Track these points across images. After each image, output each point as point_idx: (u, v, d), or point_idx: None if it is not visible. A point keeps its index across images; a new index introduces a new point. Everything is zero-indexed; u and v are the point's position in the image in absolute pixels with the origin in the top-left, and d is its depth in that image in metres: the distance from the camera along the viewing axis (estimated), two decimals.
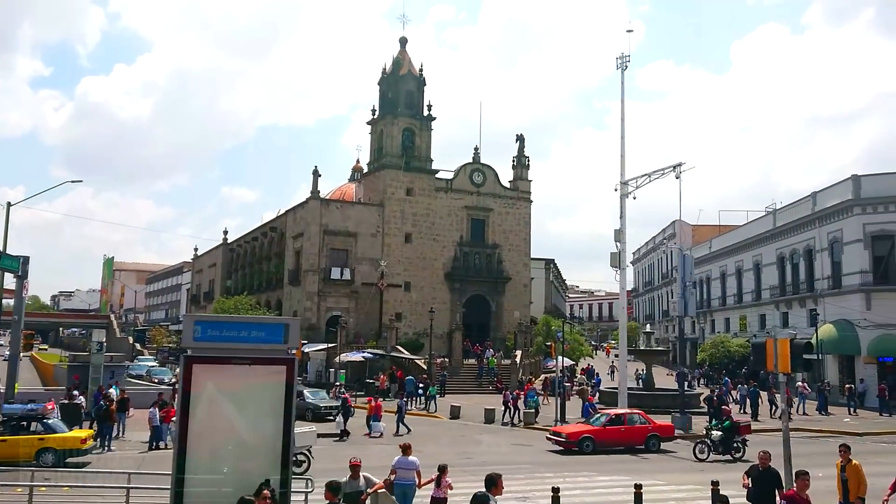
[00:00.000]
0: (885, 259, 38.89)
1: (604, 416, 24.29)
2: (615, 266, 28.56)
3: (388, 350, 43.57)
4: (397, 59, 57.87)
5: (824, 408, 34.78)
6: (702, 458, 21.49)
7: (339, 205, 54.02)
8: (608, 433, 23.08)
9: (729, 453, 21.70)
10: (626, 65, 29.28)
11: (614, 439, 23.04)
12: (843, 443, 11.90)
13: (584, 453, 22.28)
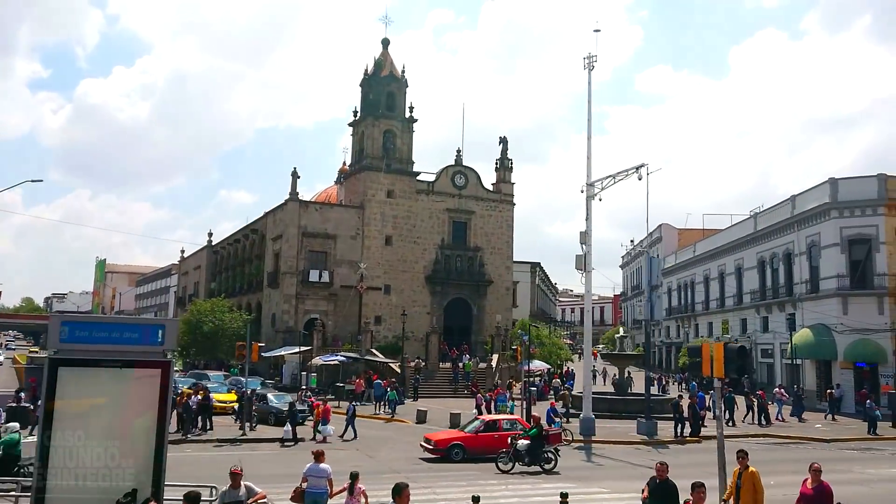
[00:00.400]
0: (861, 263, 38.53)
1: (478, 422, 23.31)
2: (580, 269, 28.15)
3: (363, 353, 43.11)
4: (379, 60, 57.54)
5: (799, 414, 34.32)
6: (505, 470, 19.86)
7: (318, 207, 53.62)
8: (480, 440, 22.04)
9: (537, 464, 19.98)
10: (593, 65, 28.91)
11: (486, 446, 21.78)
12: (740, 448, 11.41)
13: (453, 461, 21.16)
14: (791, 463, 22.16)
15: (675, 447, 26.04)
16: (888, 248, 37.93)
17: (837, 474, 20.08)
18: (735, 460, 11.37)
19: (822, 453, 24.82)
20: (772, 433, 29.42)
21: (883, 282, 37.68)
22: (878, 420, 29.39)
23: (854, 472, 20.49)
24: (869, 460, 22.97)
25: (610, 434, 27.83)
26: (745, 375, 47.01)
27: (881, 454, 23.96)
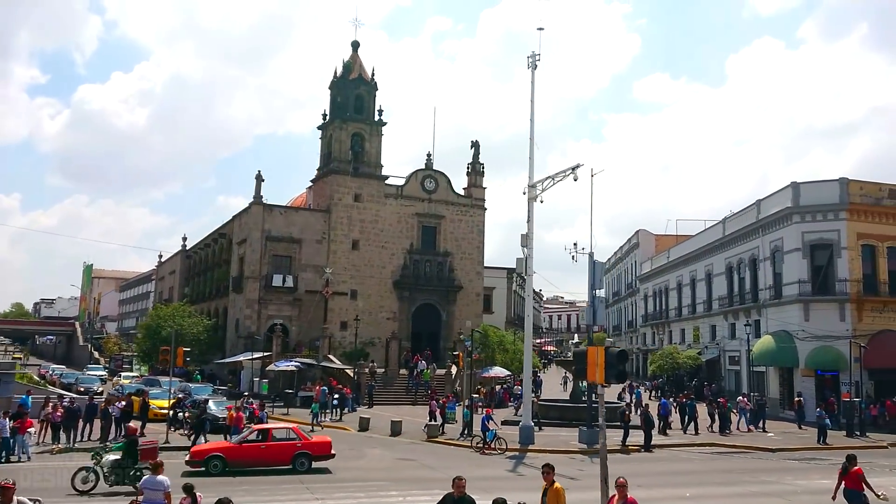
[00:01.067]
0: (823, 269, 37.81)
1: (247, 431, 21.96)
2: (521, 272, 27.41)
3: (320, 359, 42.30)
4: (348, 62, 56.93)
5: (756, 422, 33.43)
6: (83, 490, 16.89)
7: (282, 210, 52.85)
8: (244, 451, 20.27)
9: (126, 482, 16.95)
10: (536, 63, 28.28)
11: (252, 458, 20.24)
12: (546, 462, 10.56)
13: (212, 474, 19.22)
14: (722, 474, 21.47)
15: (614, 457, 25.13)
16: (850, 253, 37.24)
17: (762, 485, 19.43)
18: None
19: (760, 463, 24.10)
20: (719, 442, 28.65)
21: (844, 288, 36.98)
22: (827, 428, 28.59)
23: (783, 483, 19.72)
24: (805, 471, 22.18)
25: (550, 443, 27.07)
26: (707, 382, 46.37)
27: (821, 464, 23.14)
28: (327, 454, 20.78)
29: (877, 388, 36.52)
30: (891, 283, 37.61)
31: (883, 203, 38.24)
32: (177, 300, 70.65)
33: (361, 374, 40.64)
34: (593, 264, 27.95)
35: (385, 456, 24.15)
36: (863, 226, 37.70)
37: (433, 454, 24.46)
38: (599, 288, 28.00)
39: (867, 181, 38.83)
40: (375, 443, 27.36)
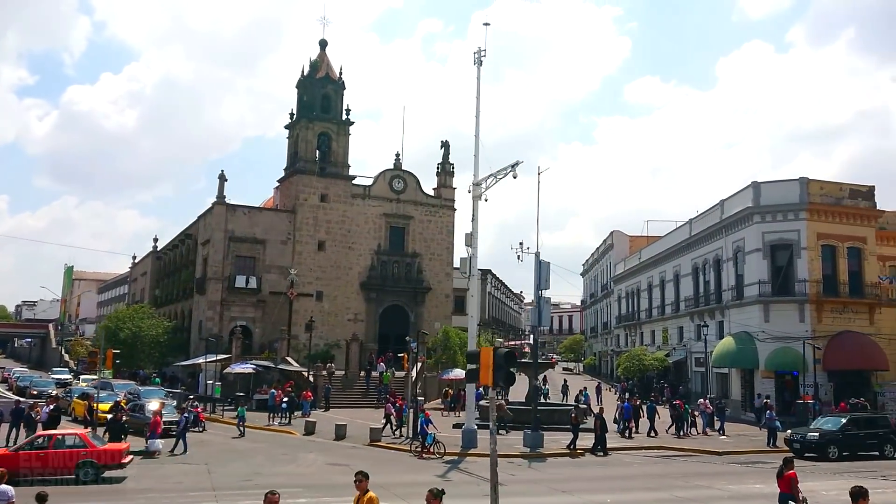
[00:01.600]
0: (783, 269, 37.43)
1: (34, 436, 20.16)
2: (464, 272, 26.88)
3: (278, 362, 41.60)
4: (315, 61, 56.30)
5: (710, 424, 32.87)
6: None
7: (246, 211, 52.12)
8: (20, 460, 18.21)
9: None
10: (482, 60, 27.74)
11: (29, 467, 18.11)
12: (359, 471, 9.85)
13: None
14: (656, 479, 20.96)
15: (556, 461, 24.60)
16: (810, 253, 36.90)
17: (691, 490, 18.93)
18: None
19: (702, 467, 23.61)
20: (669, 445, 28.11)
21: (804, 288, 36.62)
22: (778, 431, 28.13)
23: (714, 487, 19.20)
24: (743, 475, 21.69)
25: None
26: (665, 384, 45.96)
27: (764, 468, 22.57)
28: (118, 463, 18.86)
29: (837, 390, 36.11)
30: (851, 284, 37.31)
31: (843, 203, 37.94)
32: (148, 302, 69.94)
33: (318, 377, 39.92)
34: (539, 264, 27.45)
35: (317, 461, 23.50)
36: (823, 226, 37.39)
37: (368, 459, 23.79)
38: (546, 288, 27.49)
39: (828, 181, 38.56)
40: (315, 447, 26.68)
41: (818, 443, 25.08)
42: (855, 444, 25.42)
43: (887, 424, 26.61)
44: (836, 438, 25.14)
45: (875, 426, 26.51)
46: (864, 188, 38.74)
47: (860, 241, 37.88)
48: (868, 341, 35.94)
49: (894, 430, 26.26)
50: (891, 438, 25.85)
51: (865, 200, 38.36)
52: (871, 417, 27.98)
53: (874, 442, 25.67)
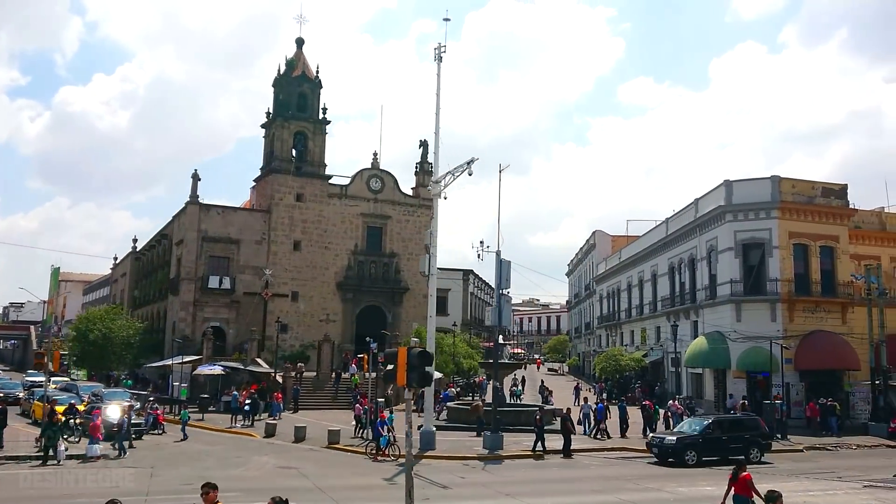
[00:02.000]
0: (755, 268, 37.10)
1: None
2: (423, 272, 26.47)
3: (247, 363, 41.08)
4: (291, 60, 55.80)
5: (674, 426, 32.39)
6: None
7: (220, 210, 51.58)
8: None
9: None
10: (442, 56, 27.32)
11: None
12: (206, 482, 9.22)
13: None
14: (607, 481, 20.55)
15: (514, 463, 24.15)
16: (781, 252, 36.57)
17: (638, 493, 18.55)
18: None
19: (658, 469, 23.20)
20: (630, 447, 27.71)
21: (775, 288, 36.28)
22: None
23: (664, 490, 18.82)
24: (698, 476, 21.26)
25: (453, 448, 26.04)
26: (639, 385, 45.63)
27: (721, 470, 22.21)
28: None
29: (809, 390, 35.74)
30: (823, 283, 36.99)
31: (816, 202, 37.65)
32: (126, 303, 69.27)
33: (287, 378, 39.42)
34: (500, 263, 27.07)
35: (268, 464, 23.00)
36: (795, 224, 37.07)
37: (321, 461, 23.38)
38: (507, 287, 27.10)
39: (800, 179, 38.25)
40: (272, 450, 26.21)
41: (674, 448, 23.49)
42: (717, 448, 23.83)
43: (756, 427, 25.14)
44: (696, 443, 23.61)
45: (742, 429, 24.85)
46: (836, 186, 38.46)
47: (833, 239, 37.58)
48: (840, 341, 35.61)
49: (763, 433, 25.00)
50: (758, 442, 24.42)
51: (838, 199, 38.07)
52: (738, 419, 26.16)
53: (739, 446, 23.82)
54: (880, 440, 30.07)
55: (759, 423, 25.43)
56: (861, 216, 43.68)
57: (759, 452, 24.21)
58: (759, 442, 24.49)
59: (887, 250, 43.51)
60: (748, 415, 27.69)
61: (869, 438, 30.56)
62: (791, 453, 26.96)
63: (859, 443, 29.47)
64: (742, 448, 23.74)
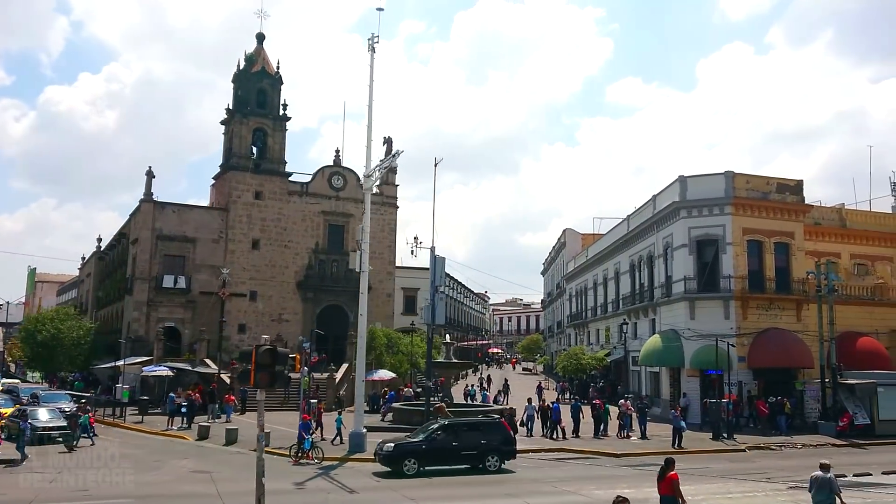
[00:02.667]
0: (709, 265, 36.53)
1: None
2: (353, 267, 25.71)
3: (196, 364, 40.13)
4: (250, 55, 54.83)
5: (631, 426, 31.70)
6: None
7: (175, 208, 50.52)
8: None
9: None
10: (375, 46, 26.55)
11: None
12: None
13: None
14: (528, 483, 19.85)
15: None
16: (735, 249, 36.04)
17: (552, 496, 17.95)
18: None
19: (591, 470, 22.58)
20: (570, 447, 27.04)
21: (729, 285, 35.73)
22: (682, 431, 27.15)
23: (579, 493, 18.11)
24: (624, 478, 20.64)
25: None
26: (594, 384, 45.01)
27: (652, 472, 21.58)
28: None
29: (765, 388, 35.16)
30: (778, 280, 36.49)
31: (770, 198, 37.13)
32: (91, 304, 68.14)
33: (234, 379, 38.47)
34: (434, 260, 26.35)
35: (184, 468, 22.18)
36: (749, 221, 36.55)
37: (239, 465, 22.55)
38: (440, 285, 26.35)
39: (754, 175, 37.74)
40: (197, 452, 25.40)
41: (391, 455, 20.92)
42: (445, 456, 21.40)
43: (497, 431, 22.55)
44: (417, 450, 21.03)
45: (479, 434, 22.13)
46: (792, 182, 37.96)
47: (788, 236, 37.08)
48: (794, 338, 35.10)
49: (506, 439, 22.31)
50: (497, 448, 21.77)
51: (793, 195, 37.58)
52: (475, 423, 23.64)
53: (473, 453, 21.49)
54: (828, 439, 29.56)
55: (502, 428, 22.88)
56: (821, 213, 43.36)
57: (498, 460, 21.55)
58: (498, 449, 21.77)
59: (847, 247, 43.24)
60: (493, 418, 25.34)
61: (818, 437, 30.04)
62: (731, 453, 26.42)
63: (806, 442, 28.94)
64: (477, 455, 21.45)
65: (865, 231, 43.72)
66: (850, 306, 37.63)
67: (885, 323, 38.45)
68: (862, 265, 43.44)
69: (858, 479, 20.36)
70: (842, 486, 19.10)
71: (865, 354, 35.90)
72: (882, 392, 31.12)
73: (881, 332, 38.16)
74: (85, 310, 72.30)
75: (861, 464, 23.50)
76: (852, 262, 43.23)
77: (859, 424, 30.52)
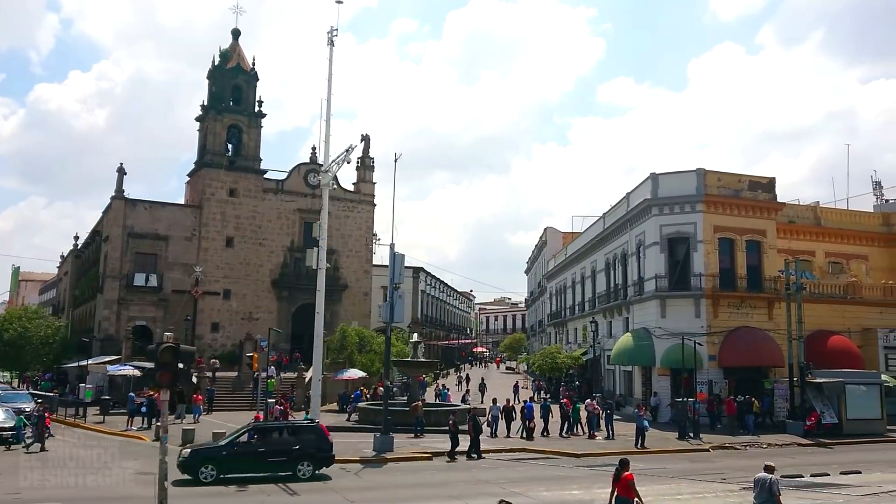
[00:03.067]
0: (680, 263, 36.21)
1: None
2: (310, 264, 25.32)
3: None
4: (225, 51, 54.26)
5: (597, 426, 31.30)
6: None
7: (147, 206, 49.90)
8: None
9: None
10: (333, 39, 26.12)
11: None
12: None
13: None
14: (474, 485, 19.44)
15: (398, 465, 22.87)
16: (706, 247, 35.73)
17: (493, 498, 17.36)
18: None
19: (547, 470, 22.20)
20: (532, 447, 26.65)
21: (699, 283, 35.42)
22: (646, 431, 26.80)
23: (527, 494, 17.67)
24: (577, 479, 20.24)
25: (342, 451, 24.57)
26: (564, 383, 44.68)
27: (610, 472, 21.21)
28: None
29: (737, 387, 34.83)
30: (749, 278, 36.18)
31: (742, 195, 36.84)
32: (67, 302, 67.35)
33: (201, 379, 37.95)
34: (393, 257, 25.94)
35: (130, 470, 21.49)
36: (720, 218, 36.25)
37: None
38: (400, 283, 25.95)
39: (726, 172, 37.37)
40: (150, 453, 24.63)
41: (186, 462, 19.46)
42: (250, 463, 19.82)
43: (314, 435, 20.81)
44: (216, 456, 19.56)
45: (291, 438, 20.49)
46: (764, 180, 37.69)
47: (759, 234, 36.80)
48: (764, 337, 34.82)
49: (322, 444, 20.45)
50: (311, 454, 20.09)
51: (765, 192, 37.29)
52: (289, 427, 22.12)
53: (282, 459, 19.86)
54: (794, 438, 29.28)
55: (319, 431, 20.97)
56: (796, 211, 43.17)
57: (311, 467, 19.87)
58: (313, 455, 20.13)
59: (822, 245, 43.07)
60: (312, 421, 23.48)
61: (785, 437, 29.74)
62: (694, 453, 26.08)
63: (773, 441, 28.63)
64: (287, 462, 19.79)
65: (840, 229, 43.58)
66: (822, 305, 37.41)
67: (858, 321, 38.23)
68: (837, 263, 43.28)
69: (815, 479, 20.09)
70: (797, 486, 18.99)
71: (837, 353, 35.65)
72: (850, 391, 30.87)
73: (854, 330, 37.94)
74: (62, 308, 71.61)
75: (822, 463, 23.25)
76: (827, 261, 43.05)
77: (827, 423, 30.27)
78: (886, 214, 45.91)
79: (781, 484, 18.38)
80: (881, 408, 31.29)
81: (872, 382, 31.83)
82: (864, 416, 30.81)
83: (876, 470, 21.94)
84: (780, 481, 13.85)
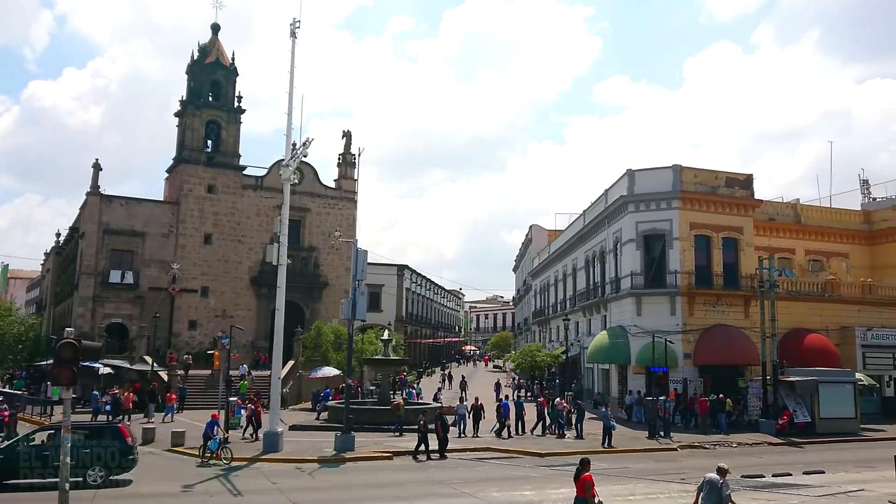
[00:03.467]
0: (655, 261, 35.84)
1: None
2: (270, 260, 24.90)
3: (134, 361, 39.05)
4: (204, 46, 53.69)
5: (569, 424, 30.81)
6: None
7: (123, 202, 49.31)
8: None
9: None
10: (296, 32, 25.64)
11: None
12: None
13: None
14: (431, 485, 19.04)
15: (357, 465, 22.42)
16: (682, 244, 35.39)
17: (448, 498, 17.33)
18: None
19: (504, 470, 21.76)
20: (496, 447, 26.22)
21: (675, 280, 35.06)
22: (612, 430, 26.42)
23: (476, 495, 17.27)
24: (534, 479, 19.82)
25: (300, 450, 24.35)
26: (542, 381, 44.31)
27: (567, 472, 20.82)
28: None
29: (713, 385, 34.48)
30: (726, 276, 35.84)
31: (719, 192, 36.49)
32: (49, 300, 66.73)
33: (172, 377, 37.48)
34: (356, 253, 25.53)
35: None
36: (697, 215, 35.90)
37: (146, 466, 21.26)
38: (362, 279, 25.54)
39: (702, 168, 37.01)
40: None
41: None
42: (36, 468, 17.57)
43: (114, 437, 18.79)
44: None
45: (89, 440, 18.43)
46: (741, 177, 37.34)
47: (736, 231, 36.45)
48: (740, 335, 34.48)
49: (123, 447, 18.53)
50: (105, 460, 18.15)
51: (742, 189, 36.95)
52: (85, 428, 19.92)
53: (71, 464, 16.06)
54: (765, 437, 28.90)
55: (119, 434, 19.02)
56: (776, 208, 42.91)
57: (103, 472, 18.00)
58: (106, 460, 18.16)
59: (802, 243, 42.83)
60: (111, 423, 22.66)
61: (756, 436, 29.36)
62: (660, 452, 25.69)
63: (743, 441, 28.26)
64: (78, 467, 17.39)
65: (821, 227, 43.33)
66: (800, 302, 37.08)
67: (836, 319, 37.89)
68: (817, 261, 43.02)
69: (775, 479, 19.72)
70: (754, 487, 18.60)
71: (814, 351, 35.34)
72: (823, 389, 30.53)
73: (831, 328, 37.61)
74: (44, 306, 71.02)
75: (788, 463, 22.89)
76: (807, 258, 42.80)
77: (799, 422, 29.94)
78: (868, 212, 45.70)
79: (740, 484, 18.17)
80: (855, 406, 30.98)
81: (846, 381, 31.48)
82: (837, 414, 30.49)
83: (841, 470, 21.59)
84: (733, 483, 13.46)
